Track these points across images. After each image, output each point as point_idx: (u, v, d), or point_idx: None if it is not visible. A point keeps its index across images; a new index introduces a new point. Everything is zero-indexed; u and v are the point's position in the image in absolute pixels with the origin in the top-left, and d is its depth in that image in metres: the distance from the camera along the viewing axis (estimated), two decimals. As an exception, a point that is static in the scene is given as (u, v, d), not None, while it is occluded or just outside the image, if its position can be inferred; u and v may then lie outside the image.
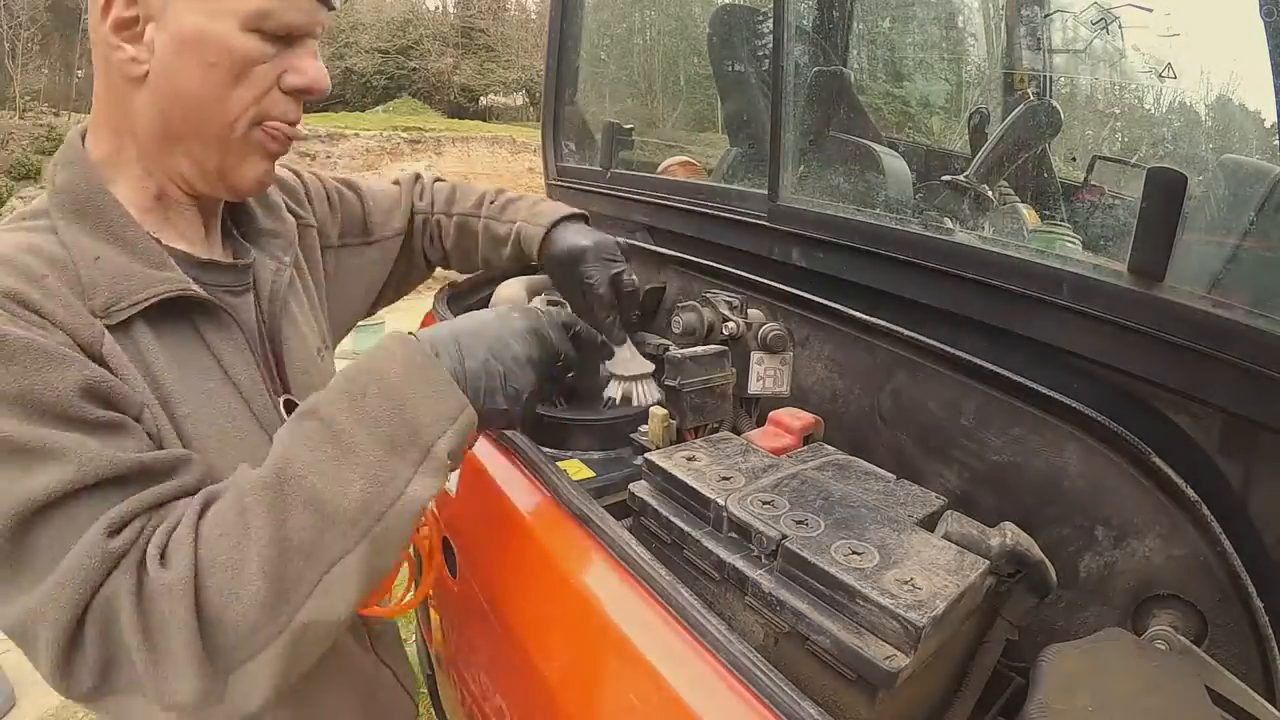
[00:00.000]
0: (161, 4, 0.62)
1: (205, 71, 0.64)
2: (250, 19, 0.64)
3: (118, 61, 0.64)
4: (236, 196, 0.76)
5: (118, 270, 0.63)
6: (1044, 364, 0.90)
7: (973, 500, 0.93)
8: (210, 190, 0.72)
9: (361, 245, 1.05)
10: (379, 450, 0.56)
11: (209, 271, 0.73)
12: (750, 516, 0.68)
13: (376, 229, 1.07)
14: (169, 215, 0.72)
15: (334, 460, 0.55)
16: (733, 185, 1.53)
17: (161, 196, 0.71)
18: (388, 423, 0.57)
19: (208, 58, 0.63)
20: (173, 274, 0.66)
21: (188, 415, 0.65)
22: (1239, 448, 0.76)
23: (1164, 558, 0.77)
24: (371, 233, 1.06)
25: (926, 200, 1.43)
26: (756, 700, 0.55)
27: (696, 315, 1.09)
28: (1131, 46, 1.25)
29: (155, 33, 0.63)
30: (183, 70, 0.64)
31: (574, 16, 1.86)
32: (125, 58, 0.63)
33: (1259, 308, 0.71)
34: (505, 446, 0.96)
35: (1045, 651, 0.67)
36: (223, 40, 0.63)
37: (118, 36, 0.63)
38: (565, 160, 1.95)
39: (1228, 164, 0.94)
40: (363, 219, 1.06)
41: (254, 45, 0.65)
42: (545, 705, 0.75)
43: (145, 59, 0.63)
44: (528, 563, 0.83)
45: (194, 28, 0.62)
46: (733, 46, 1.81)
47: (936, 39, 2.18)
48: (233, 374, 0.70)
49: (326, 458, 0.55)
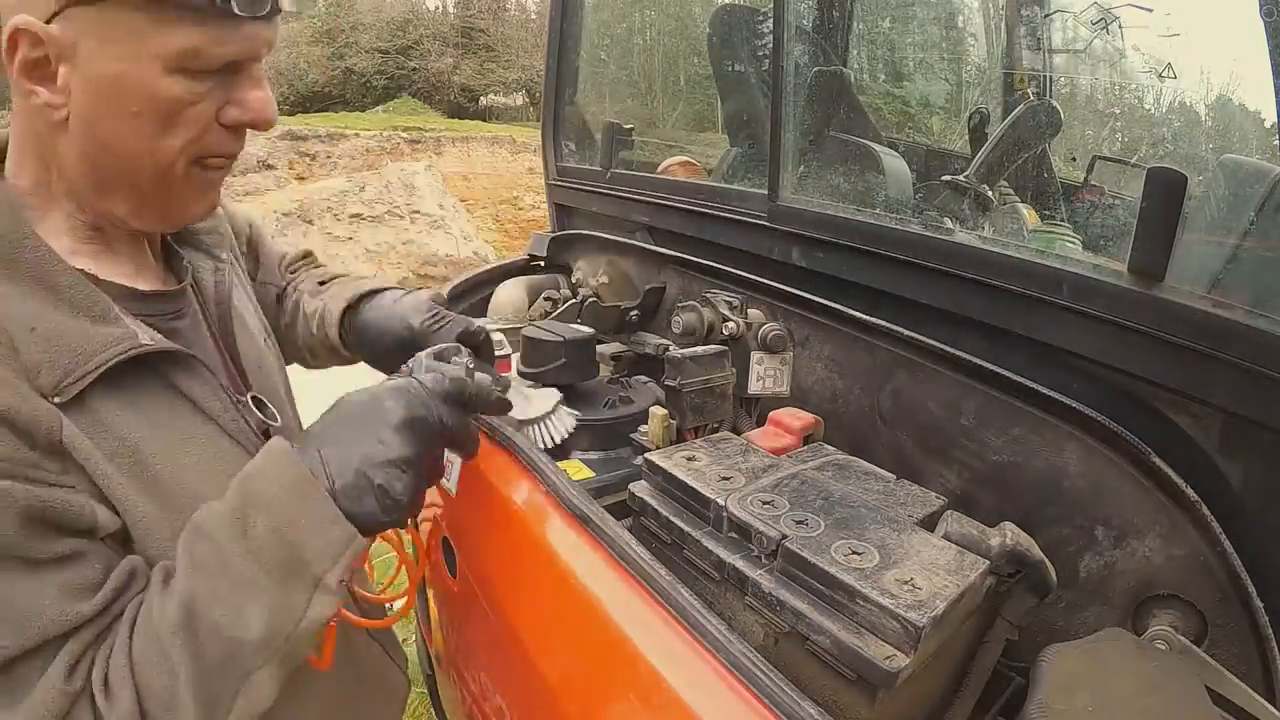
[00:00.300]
0: (71, 45, 0.54)
1: (129, 120, 0.57)
2: (174, 61, 0.55)
3: (32, 106, 0.57)
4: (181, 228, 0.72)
5: (59, 339, 0.55)
6: (1044, 364, 0.90)
7: (973, 500, 0.93)
8: (151, 228, 0.68)
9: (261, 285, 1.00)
10: (273, 584, 0.56)
11: (153, 304, 0.67)
12: (750, 516, 0.68)
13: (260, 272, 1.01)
14: (108, 244, 0.66)
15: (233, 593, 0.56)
16: (733, 185, 1.53)
17: (98, 229, 0.65)
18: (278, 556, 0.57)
19: (130, 106, 0.56)
20: (119, 329, 0.59)
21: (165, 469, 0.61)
22: (1239, 448, 0.76)
23: (1164, 558, 0.77)
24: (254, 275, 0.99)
25: (926, 200, 1.43)
26: (756, 700, 0.55)
27: (696, 315, 1.09)
28: (1131, 46, 1.25)
29: (69, 74, 0.55)
30: (104, 118, 0.57)
31: (574, 16, 1.86)
32: (40, 102, 0.56)
33: (1259, 308, 0.71)
34: (505, 446, 0.96)
35: (1045, 651, 0.67)
36: (145, 86, 0.56)
37: (28, 81, 0.55)
38: (565, 160, 1.94)
39: (1228, 164, 0.94)
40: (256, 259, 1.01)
41: (182, 87, 0.57)
42: (545, 705, 0.75)
43: (62, 103, 0.56)
44: (528, 563, 0.83)
45: (111, 74, 0.55)
46: (733, 46, 1.81)
47: (936, 39, 2.18)
48: (208, 410, 0.66)
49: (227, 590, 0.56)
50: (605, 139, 1.78)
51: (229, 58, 0.58)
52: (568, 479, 0.85)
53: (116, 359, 0.57)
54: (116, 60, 0.55)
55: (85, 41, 0.54)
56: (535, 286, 1.62)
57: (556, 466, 0.88)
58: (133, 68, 0.55)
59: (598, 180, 1.77)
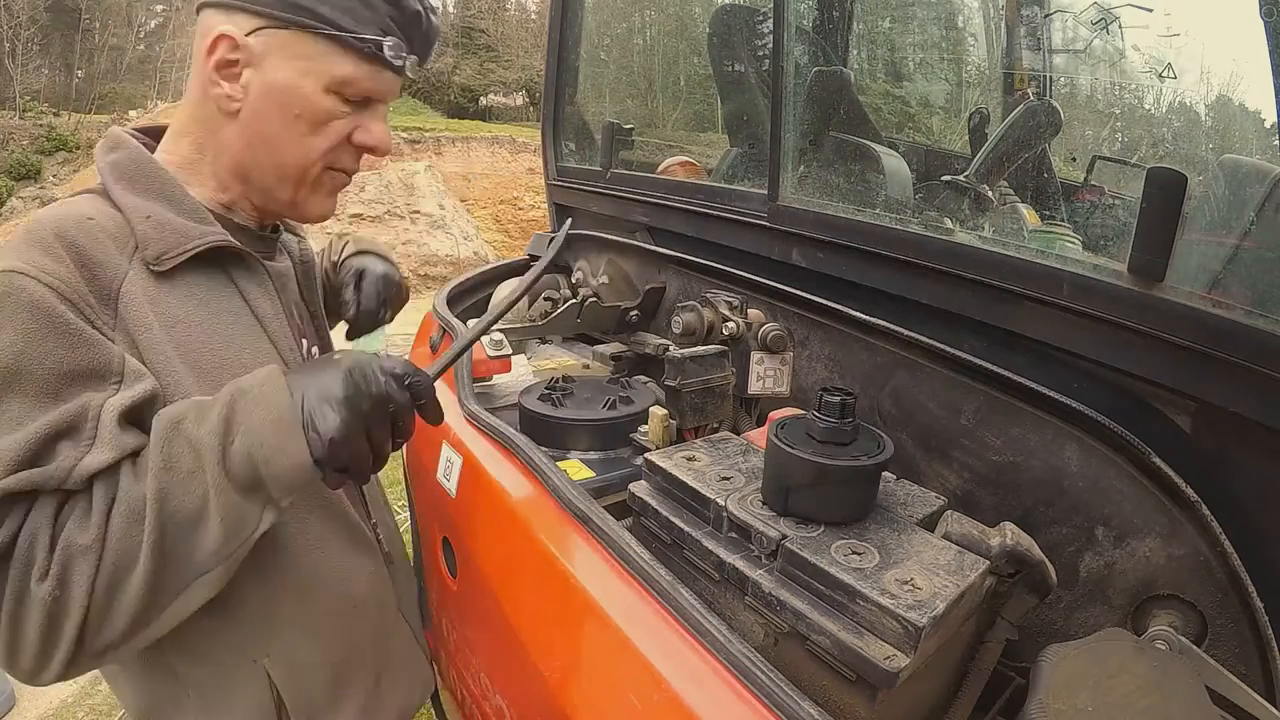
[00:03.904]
0: (261, 56, 0.72)
1: (290, 120, 0.75)
2: (334, 84, 0.75)
3: (215, 95, 0.74)
4: (303, 222, 0.91)
5: (168, 225, 0.73)
6: (1044, 364, 0.90)
7: (973, 500, 0.93)
8: (278, 215, 0.86)
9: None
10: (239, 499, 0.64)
11: (242, 235, 0.82)
12: (750, 516, 0.68)
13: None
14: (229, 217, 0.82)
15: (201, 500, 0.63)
16: (733, 185, 1.53)
17: (230, 206, 0.82)
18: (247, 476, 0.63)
19: (293, 109, 0.75)
20: (215, 229, 0.76)
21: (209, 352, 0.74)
22: (1239, 448, 0.76)
23: (1164, 558, 0.77)
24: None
25: (926, 200, 1.43)
26: (756, 700, 0.55)
27: (696, 315, 1.09)
28: (1131, 46, 1.25)
29: (251, 77, 0.73)
30: (270, 114, 0.75)
31: (574, 16, 1.86)
32: (222, 94, 0.74)
33: (1259, 308, 0.71)
34: (505, 446, 0.96)
35: (1045, 651, 0.67)
36: (307, 97, 0.74)
37: (218, 74, 0.73)
38: (565, 160, 1.95)
39: (1228, 164, 0.94)
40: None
41: (333, 105, 0.76)
42: (545, 705, 0.75)
43: (240, 98, 0.74)
44: (528, 563, 0.83)
45: (285, 81, 0.73)
46: (733, 46, 1.81)
47: (936, 39, 2.18)
48: (262, 319, 0.81)
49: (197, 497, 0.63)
50: (605, 139, 1.78)
51: (368, 93, 0.78)
52: (568, 479, 0.85)
53: (207, 244, 0.74)
54: (293, 73, 0.73)
55: (272, 55, 0.73)
56: (535, 286, 1.62)
57: (556, 466, 0.88)
58: (302, 81, 0.74)
59: (598, 180, 1.77)
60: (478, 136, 17.76)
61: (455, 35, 27.61)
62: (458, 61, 26.69)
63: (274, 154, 0.77)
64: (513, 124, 22.86)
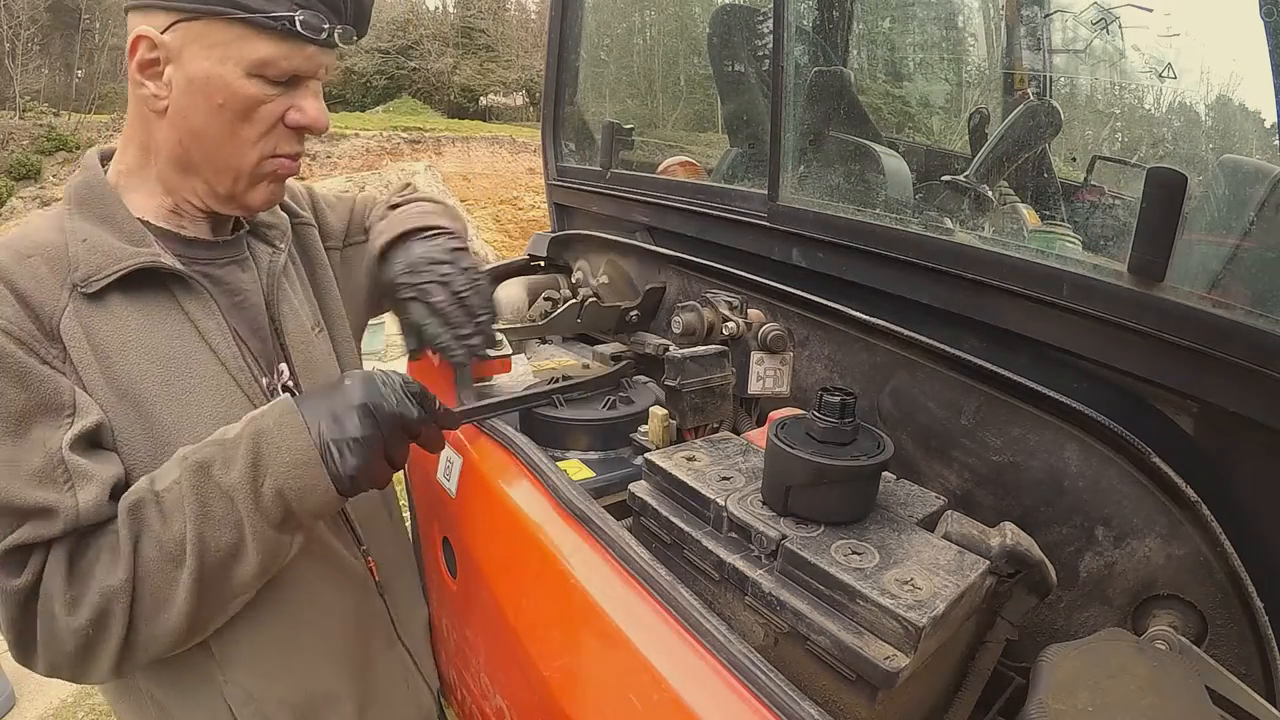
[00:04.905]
0: (178, 49, 0.71)
1: (215, 110, 0.74)
2: (253, 66, 0.73)
3: (142, 96, 0.74)
4: (248, 214, 0.87)
5: (99, 247, 0.73)
6: (1044, 364, 0.90)
7: (973, 500, 0.93)
8: (222, 209, 0.83)
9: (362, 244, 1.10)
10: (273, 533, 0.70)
11: (193, 248, 0.82)
12: (750, 516, 0.68)
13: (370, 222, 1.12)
14: (181, 219, 0.82)
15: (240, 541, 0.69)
16: (733, 185, 1.53)
17: (177, 210, 0.81)
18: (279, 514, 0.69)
19: (216, 98, 0.73)
20: (146, 249, 0.75)
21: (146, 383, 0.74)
22: (1240, 448, 0.76)
23: (1164, 558, 0.77)
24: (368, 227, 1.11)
25: (926, 200, 1.43)
26: (756, 700, 0.55)
27: (696, 315, 1.09)
28: (1131, 46, 1.25)
29: (173, 73, 0.72)
30: (195, 108, 0.73)
31: (574, 16, 1.86)
32: (148, 93, 0.74)
33: (1259, 308, 0.71)
34: (505, 446, 0.96)
35: (1045, 651, 0.67)
36: (229, 84, 0.73)
37: (142, 75, 0.73)
38: (565, 160, 1.94)
39: (1228, 164, 0.94)
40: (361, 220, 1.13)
41: (258, 89, 0.74)
42: (545, 705, 0.75)
43: (165, 95, 0.73)
44: (528, 563, 0.83)
45: (205, 71, 0.72)
46: (733, 46, 1.81)
47: (936, 39, 2.18)
48: (207, 337, 0.79)
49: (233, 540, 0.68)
50: (605, 139, 1.78)
51: (292, 71, 0.75)
52: (568, 479, 0.85)
53: (134, 266, 0.73)
54: (210, 63, 0.72)
55: (188, 48, 0.71)
56: (535, 286, 1.62)
57: (556, 466, 0.88)
58: (221, 69, 0.72)
59: (598, 180, 1.77)
60: (477, 136, 17.75)
61: (455, 35, 27.59)
62: (458, 61, 26.68)
63: (206, 147, 0.76)
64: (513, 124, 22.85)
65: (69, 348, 0.70)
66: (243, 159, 0.77)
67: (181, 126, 0.74)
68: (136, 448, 0.73)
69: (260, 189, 0.81)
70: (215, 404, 0.77)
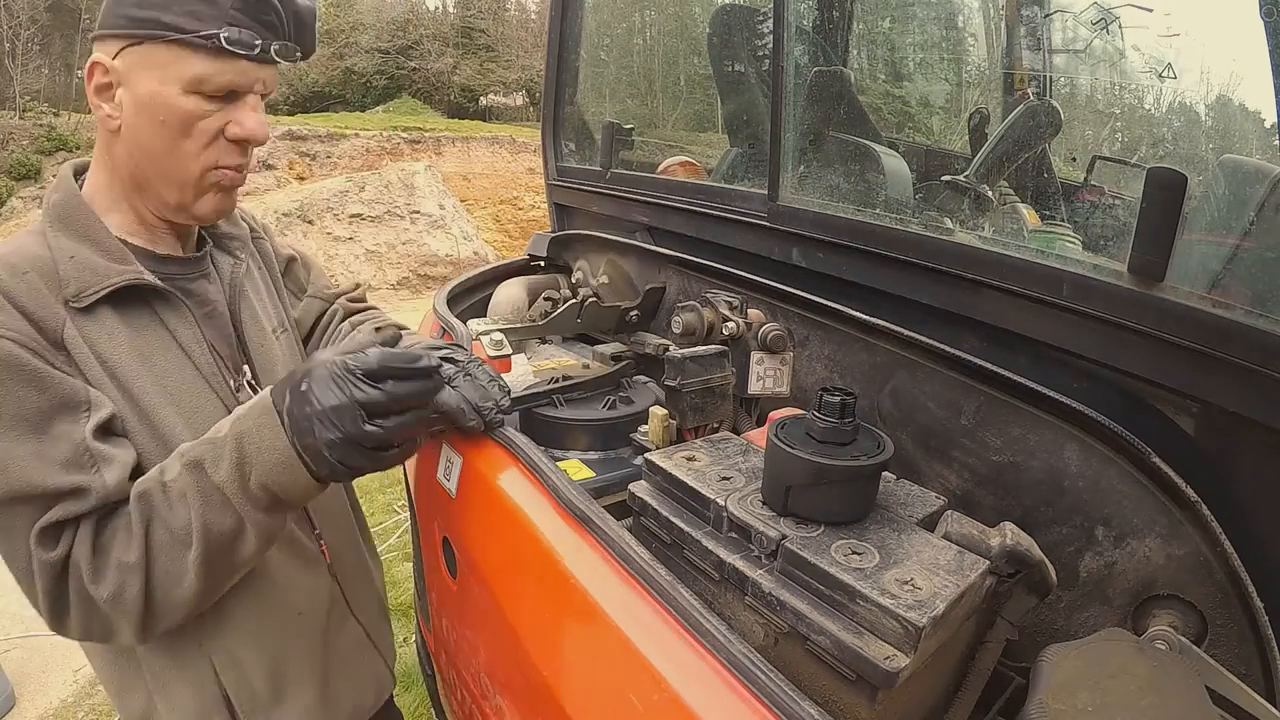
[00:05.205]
0: (126, 73, 0.78)
1: (158, 126, 0.80)
2: (190, 84, 0.78)
3: (101, 118, 0.81)
4: (200, 223, 0.93)
5: (86, 265, 0.80)
6: (1044, 364, 0.90)
7: (973, 500, 0.93)
8: (176, 219, 0.89)
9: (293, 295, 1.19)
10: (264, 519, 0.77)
11: (167, 264, 0.89)
12: (750, 516, 0.68)
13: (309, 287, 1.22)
14: (151, 235, 0.89)
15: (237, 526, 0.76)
16: (733, 185, 1.53)
17: (143, 222, 0.88)
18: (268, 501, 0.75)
19: (159, 116, 0.79)
20: (130, 267, 0.82)
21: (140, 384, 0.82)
22: (1240, 448, 0.76)
23: (1164, 558, 0.77)
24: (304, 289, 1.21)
25: (926, 200, 1.43)
26: (756, 700, 0.55)
27: (696, 315, 1.09)
28: (1131, 46, 1.25)
29: (123, 95, 0.79)
30: (142, 126, 0.80)
31: (574, 16, 1.86)
32: (104, 114, 0.81)
33: (1259, 308, 0.71)
34: (505, 446, 0.96)
35: (1045, 651, 0.67)
36: (168, 102, 0.79)
37: (98, 98, 0.80)
38: (565, 160, 1.95)
39: (1228, 164, 0.94)
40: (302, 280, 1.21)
41: (195, 105, 0.79)
42: (545, 705, 0.75)
43: (118, 115, 0.80)
44: (528, 563, 0.83)
45: (148, 91, 0.78)
46: (733, 46, 1.81)
47: (936, 39, 2.18)
48: (185, 346, 0.87)
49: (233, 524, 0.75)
50: (605, 139, 1.78)
51: (228, 86, 0.80)
52: (568, 479, 0.85)
53: (122, 283, 0.81)
54: (153, 83, 0.78)
55: (134, 71, 0.78)
56: (535, 286, 1.62)
57: (556, 466, 0.88)
58: (162, 88, 0.78)
59: (598, 180, 1.77)
60: (477, 136, 17.76)
61: (455, 35, 27.60)
62: (458, 61, 26.69)
63: (154, 162, 0.82)
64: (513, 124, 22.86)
65: (74, 355, 0.77)
66: (187, 171, 0.83)
67: (132, 143, 0.81)
68: (141, 442, 0.81)
69: (207, 199, 0.86)
70: (197, 404, 0.86)
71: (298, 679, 0.98)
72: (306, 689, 0.99)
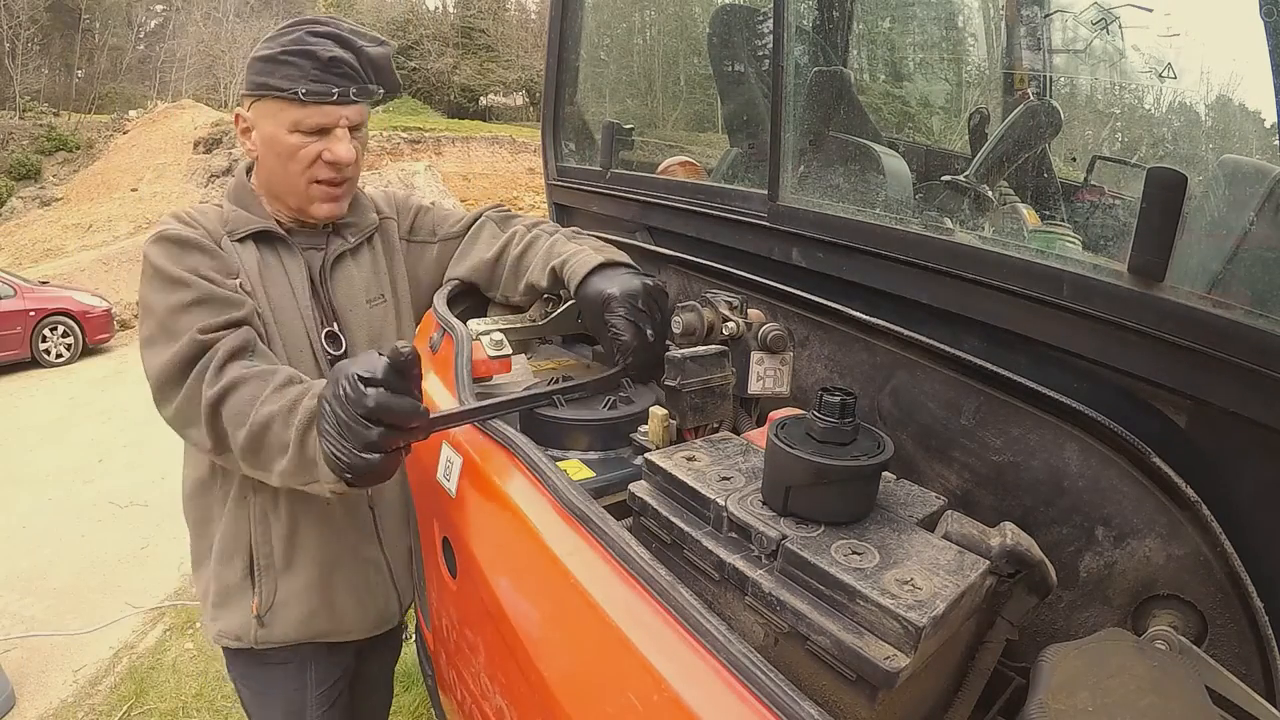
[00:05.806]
0: (255, 121, 1.16)
1: (275, 156, 1.16)
2: (291, 125, 1.13)
3: (246, 149, 1.21)
4: (319, 221, 1.26)
5: (239, 218, 1.20)
6: (1044, 364, 0.90)
7: (973, 500, 0.93)
8: (301, 218, 1.25)
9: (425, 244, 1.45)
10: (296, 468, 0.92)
11: (293, 234, 1.25)
12: (750, 516, 0.68)
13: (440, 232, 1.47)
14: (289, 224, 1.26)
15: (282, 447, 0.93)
16: (733, 185, 1.53)
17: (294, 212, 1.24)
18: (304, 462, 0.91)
19: (275, 149, 1.15)
20: (267, 222, 1.21)
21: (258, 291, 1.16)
22: (1239, 448, 0.76)
23: (1164, 558, 0.77)
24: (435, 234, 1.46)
25: (926, 200, 1.43)
26: (756, 700, 0.55)
27: (696, 315, 1.09)
28: (1131, 46, 1.25)
29: (256, 135, 1.17)
30: (267, 155, 1.17)
31: (574, 16, 1.86)
32: (247, 148, 1.20)
33: (1259, 308, 0.71)
34: (505, 446, 0.96)
35: (1045, 651, 0.67)
36: (279, 138, 1.14)
37: (243, 138, 1.20)
38: (565, 160, 1.95)
39: (1228, 164, 0.94)
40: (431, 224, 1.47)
41: (297, 139, 1.14)
42: (545, 706, 0.75)
43: (254, 149, 1.19)
44: (528, 563, 0.83)
45: (268, 132, 1.15)
46: (733, 46, 1.82)
47: (936, 39, 2.18)
48: (291, 280, 1.22)
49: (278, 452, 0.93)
50: (605, 139, 1.78)
51: (318, 125, 1.14)
52: (568, 479, 0.84)
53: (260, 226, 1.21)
54: (270, 126, 1.14)
55: (259, 118, 1.15)
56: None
57: (556, 466, 0.88)
58: (275, 130, 1.14)
59: (597, 180, 1.77)
60: (477, 136, 17.74)
61: (455, 35, 27.58)
62: (458, 61, 26.66)
63: (276, 179, 1.19)
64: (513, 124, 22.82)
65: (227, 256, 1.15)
66: (296, 186, 1.18)
67: (264, 166, 1.19)
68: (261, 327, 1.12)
69: (316, 205, 1.20)
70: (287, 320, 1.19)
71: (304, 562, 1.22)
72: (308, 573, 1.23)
